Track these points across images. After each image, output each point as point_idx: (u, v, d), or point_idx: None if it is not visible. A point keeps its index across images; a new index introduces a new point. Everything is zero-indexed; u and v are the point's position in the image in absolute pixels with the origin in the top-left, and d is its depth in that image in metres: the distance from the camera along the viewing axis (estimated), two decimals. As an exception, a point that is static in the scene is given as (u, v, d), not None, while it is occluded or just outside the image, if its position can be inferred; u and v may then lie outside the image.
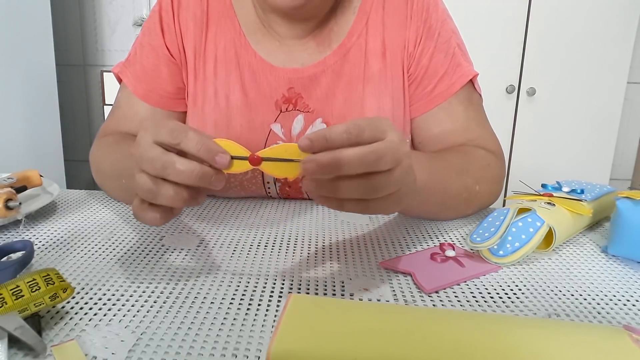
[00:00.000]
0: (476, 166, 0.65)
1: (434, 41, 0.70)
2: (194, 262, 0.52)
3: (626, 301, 0.46)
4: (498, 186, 0.69)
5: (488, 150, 0.69)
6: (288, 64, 0.71)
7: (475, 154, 0.67)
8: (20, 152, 1.72)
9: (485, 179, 0.66)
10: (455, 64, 0.70)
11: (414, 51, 0.70)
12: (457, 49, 0.71)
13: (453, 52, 0.71)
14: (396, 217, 0.67)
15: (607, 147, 1.93)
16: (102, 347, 0.37)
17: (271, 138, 0.71)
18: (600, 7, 1.81)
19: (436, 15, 0.71)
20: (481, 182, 0.64)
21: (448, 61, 0.70)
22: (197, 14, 0.71)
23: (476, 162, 0.66)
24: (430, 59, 0.70)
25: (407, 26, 0.70)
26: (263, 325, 0.40)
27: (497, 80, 1.89)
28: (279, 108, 0.71)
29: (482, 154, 0.67)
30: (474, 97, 0.72)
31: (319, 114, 0.71)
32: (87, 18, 2.20)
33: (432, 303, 0.45)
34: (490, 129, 0.73)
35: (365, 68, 0.70)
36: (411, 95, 0.72)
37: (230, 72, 0.71)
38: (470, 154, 0.67)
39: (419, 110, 0.72)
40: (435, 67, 0.70)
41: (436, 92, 0.70)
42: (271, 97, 0.71)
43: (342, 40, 0.71)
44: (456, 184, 0.62)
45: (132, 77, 0.73)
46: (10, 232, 0.59)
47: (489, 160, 0.67)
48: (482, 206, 0.68)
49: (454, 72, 0.70)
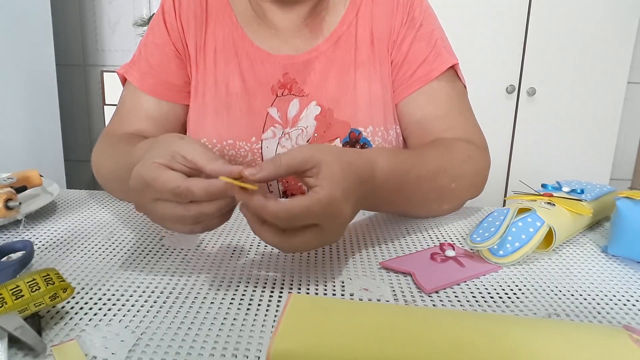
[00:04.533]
0: (456, 161, 0.65)
1: (415, 30, 0.74)
2: (194, 262, 0.52)
3: (626, 301, 0.46)
4: (480, 178, 0.69)
5: (469, 142, 0.69)
6: (283, 50, 0.75)
7: (455, 148, 0.67)
8: (20, 152, 1.72)
9: (465, 174, 0.65)
10: (436, 52, 0.73)
11: (397, 39, 0.74)
12: (439, 41, 0.74)
13: (435, 43, 0.74)
14: (396, 217, 0.67)
15: (607, 147, 1.93)
16: (102, 347, 0.37)
17: (268, 121, 0.74)
18: (600, 7, 1.82)
19: (420, 9, 0.75)
20: (460, 178, 0.64)
21: (429, 50, 0.73)
22: (197, 12, 0.75)
23: (456, 157, 0.65)
24: (410, 45, 0.74)
25: (393, 16, 0.75)
26: (263, 325, 0.40)
27: (497, 80, 1.89)
28: (275, 93, 0.75)
29: (462, 147, 0.67)
30: (456, 85, 0.74)
31: (313, 98, 0.74)
32: (87, 18, 2.20)
33: (432, 303, 0.45)
34: (473, 119, 0.74)
35: (356, 54, 0.75)
36: (393, 81, 0.75)
37: (229, 61, 0.75)
38: (450, 148, 0.67)
39: (400, 94, 0.75)
40: (416, 53, 0.73)
41: (416, 76, 0.73)
42: (267, 83, 0.74)
43: (335, 28, 0.75)
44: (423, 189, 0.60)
45: (138, 73, 0.75)
46: (10, 232, 0.59)
47: (470, 152, 0.67)
48: (462, 201, 0.68)
49: (434, 59, 0.73)
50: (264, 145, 0.74)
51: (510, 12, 1.85)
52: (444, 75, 0.73)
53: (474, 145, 0.69)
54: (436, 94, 0.72)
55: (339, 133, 0.74)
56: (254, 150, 0.74)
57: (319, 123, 0.74)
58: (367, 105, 0.74)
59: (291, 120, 0.74)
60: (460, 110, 0.73)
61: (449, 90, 0.73)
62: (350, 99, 0.74)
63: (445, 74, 0.73)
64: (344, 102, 0.74)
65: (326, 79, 0.74)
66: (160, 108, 0.75)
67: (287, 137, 0.75)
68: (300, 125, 0.74)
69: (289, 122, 0.74)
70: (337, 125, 0.74)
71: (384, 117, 0.74)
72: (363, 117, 0.74)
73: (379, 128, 0.74)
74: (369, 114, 0.74)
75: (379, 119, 0.74)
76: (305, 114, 0.74)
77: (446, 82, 0.73)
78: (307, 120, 0.74)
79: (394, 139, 0.76)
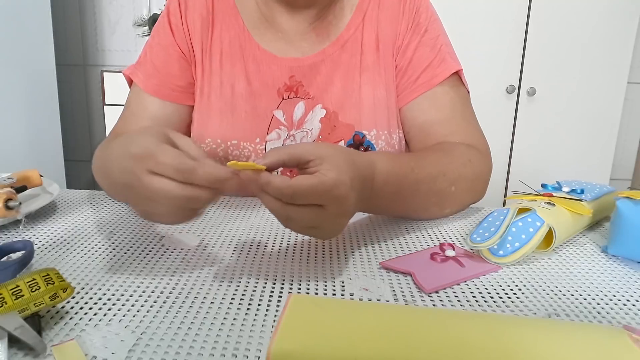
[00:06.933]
0: (455, 165, 0.65)
1: (420, 35, 0.74)
2: (194, 262, 0.52)
3: (626, 301, 0.46)
4: (480, 183, 0.69)
5: (470, 146, 0.69)
6: (289, 53, 0.75)
7: (456, 152, 0.67)
8: (20, 152, 1.72)
9: (465, 177, 0.65)
10: (440, 58, 0.74)
11: (402, 44, 0.75)
12: (443, 47, 0.75)
13: (439, 48, 0.74)
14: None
15: (607, 147, 1.93)
16: (102, 347, 0.37)
17: (273, 123, 0.75)
18: (600, 8, 1.81)
19: (426, 15, 0.75)
20: (459, 181, 0.64)
21: (433, 55, 0.74)
22: (203, 14, 0.75)
23: (456, 160, 0.65)
24: (415, 51, 0.74)
25: (399, 22, 0.75)
26: (263, 325, 0.40)
27: (497, 80, 1.89)
28: (281, 95, 0.75)
29: (462, 151, 0.68)
30: (460, 91, 0.75)
31: (319, 101, 0.75)
32: (87, 18, 2.20)
33: (432, 303, 0.45)
34: (475, 123, 0.75)
35: (361, 59, 0.75)
36: (397, 85, 0.75)
37: (235, 64, 0.75)
38: (450, 152, 0.67)
39: (404, 99, 0.75)
40: (420, 59, 0.74)
41: (419, 82, 0.73)
42: (274, 86, 0.75)
43: (341, 33, 0.75)
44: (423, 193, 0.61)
45: (143, 75, 0.75)
46: (10, 232, 0.59)
47: (470, 156, 0.67)
48: (463, 205, 0.68)
49: (438, 65, 0.73)
50: (267, 147, 0.75)
51: (510, 12, 1.85)
52: (448, 81, 0.73)
53: (476, 149, 0.69)
54: (439, 99, 0.73)
55: (343, 135, 0.74)
56: (257, 151, 0.74)
57: (324, 125, 0.74)
58: (371, 109, 0.74)
59: (296, 123, 0.75)
60: (463, 115, 0.74)
61: (453, 95, 0.73)
62: (355, 102, 0.74)
63: (449, 80, 0.73)
64: (349, 105, 0.74)
65: (331, 82, 0.75)
66: (164, 109, 0.75)
67: (292, 139, 0.75)
68: (306, 127, 0.75)
69: (294, 125, 0.75)
70: (342, 127, 0.74)
71: (388, 120, 0.75)
72: (367, 121, 0.74)
73: (382, 131, 0.74)
74: (373, 118, 0.74)
75: (382, 123, 0.74)
76: (311, 116, 0.75)
77: (450, 87, 0.73)
78: (312, 122, 0.75)
79: (397, 143, 0.76)
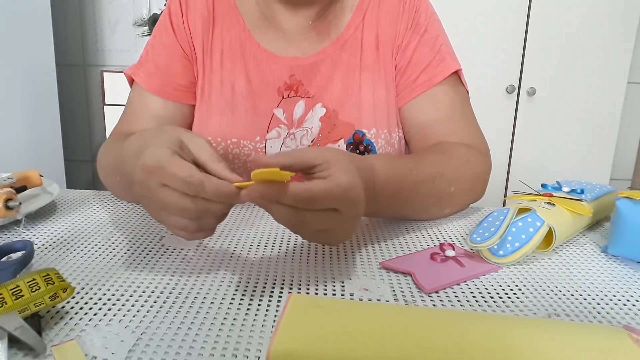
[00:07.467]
0: (454, 165, 0.65)
1: (419, 35, 0.75)
2: (194, 262, 0.52)
3: (626, 301, 0.46)
4: (479, 182, 0.69)
5: (469, 146, 0.69)
6: (290, 52, 0.75)
7: (454, 152, 0.67)
8: (20, 152, 1.72)
9: (464, 177, 0.66)
10: (439, 58, 0.74)
11: (401, 44, 0.75)
12: (442, 46, 0.75)
13: (439, 48, 0.74)
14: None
15: (607, 147, 1.93)
16: (102, 347, 0.37)
17: (273, 122, 0.75)
18: (600, 7, 1.82)
19: (425, 14, 0.76)
20: (458, 182, 0.64)
21: (433, 55, 0.74)
22: (204, 14, 0.76)
23: (455, 161, 0.66)
24: (414, 51, 0.74)
25: (399, 22, 0.75)
26: (263, 325, 0.40)
27: (497, 80, 1.89)
28: (281, 94, 0.75)
29: (461, 151, 0.68)
30: (459, 90, 0.75)
31: (319, 100, 0.75)
32: (87, 18, 2.20)
33: (432, 303, 0.45)
34: (475, 123, 0.75)
35: (361, 58, 0.75)
36: (397, 85, 0.76)
37: (235, 63, 0.75)
38: (449, 152, 0.67)
39: (404, 98, 0.75)
40: (419, 58, 0.74)
41: (419, 81, 0.74)
42: (274, 85, 0.75)
43: (341, 32, 0.76)
44: (422, 194, 0.61)
45: (145, 74, 0.76)
46: (10, 232, 0.59)
47: (469, 156, 0.67)
48: (462, 205, 0.68)
49: (438, 64, 0.73)
50: (267, 145, 0.75)
51: (510, 12, 1.85)
52: (447, 81, 0.73)
53: (475, 149, 0.69)
54: (438, 98, 0.73)
55: (343, 134, 0.74)
56: (257, 149, 0.75)
57: (324, 124, 0.74)
58: (371, 108, 0.74)
59: (296, 121, 0.75)
60: (462, 114, 0.74)
61: (452, 95, 0.73)
62: (355, 101, 0.74)
63: (448, 79, 0.73)
64: (349, 104, 0.74)
65: (332, 82, 0.75)
66: (166, 108, 0.75)
67: (292, 138, 0.75)
68: (306, 126, 0.75)
69: (294, 123, 0.75)
70: (342, 126, 0.74)
71: (388, 120, 0.75)
72: (367, 120, 0.74)
73: (382, 130, 0.75)
74: (372, 117, 0.74)
75: (382, 122, 0.75)
76: (311, 115, 0.75)
77: (449, 87, 0.73)
78: (312, 121, 0.75)
79: (397, 142, 0.76)
